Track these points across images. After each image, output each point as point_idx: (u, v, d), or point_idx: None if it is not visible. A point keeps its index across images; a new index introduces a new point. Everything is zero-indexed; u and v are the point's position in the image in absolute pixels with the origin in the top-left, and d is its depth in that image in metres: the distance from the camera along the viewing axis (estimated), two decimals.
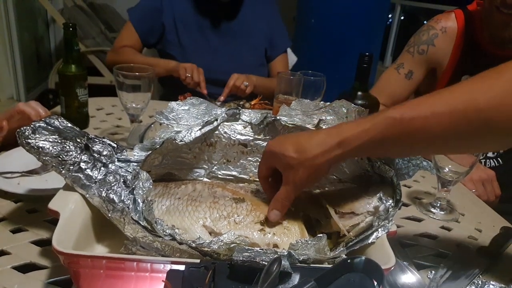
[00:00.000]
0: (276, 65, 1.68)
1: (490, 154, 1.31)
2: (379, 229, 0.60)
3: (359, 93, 1.04)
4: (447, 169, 0.86)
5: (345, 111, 0.69)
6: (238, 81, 1.40)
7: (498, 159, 1.32)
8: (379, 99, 1.08)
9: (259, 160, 0.74)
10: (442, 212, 0.89)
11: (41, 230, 0.70)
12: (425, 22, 1.40)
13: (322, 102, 0.72)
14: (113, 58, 1.56)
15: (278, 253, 0.49)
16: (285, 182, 0.61)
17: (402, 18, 4.24)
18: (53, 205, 0.58)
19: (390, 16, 4.11)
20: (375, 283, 0.47)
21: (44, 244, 0.67)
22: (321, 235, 0.53)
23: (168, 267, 0.51)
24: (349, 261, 0.47)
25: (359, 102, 1.02)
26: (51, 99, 3.43)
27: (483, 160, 1.30)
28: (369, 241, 0.59)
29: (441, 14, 1.34)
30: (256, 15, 1.63)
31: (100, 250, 0.63)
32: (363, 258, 0.47)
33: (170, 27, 1.55)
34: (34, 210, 0.76)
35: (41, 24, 4.03)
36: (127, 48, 1.55)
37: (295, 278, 0.47)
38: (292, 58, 1.83)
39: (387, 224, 0.60)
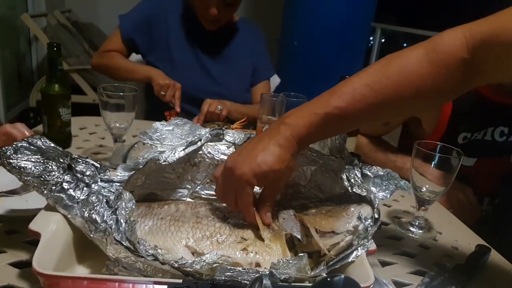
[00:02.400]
0: (257, 91, 1.70)
1: (484, 207, 1.30)
2: (359, 248, 0.61)
3: None
4: (424, 189, 0.88)
5: None
6: (212, 106, 1.41)
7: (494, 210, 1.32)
8: None
9: None
10: (421, 231, 0.91)
11: (20, 252, 0.69)
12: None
13: None
14: (97, 61, 1.56)
15: (260, 273, 0.49)
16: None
17: (383, 40, 4.37)
18: (34, 225, 0.58)
19: (371, 38, 4.23)
20: None
21: (23, 266, 0.66)
22: (302, 254, 0.54)
23: (151, 287, 0.51)
24: (328, 279, 0.48)
25: None
26: (32, 117, 3.39)
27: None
28: (349, 260, 0.60)
29: None
30: (244, 43, 1.66)
31: (82, 271, 0.62)
32: (342, 276, 0.48)
33: (162, 40, 1.56)
34: (13, 231, 0.75)
35: (23, 42, 4.00)
36: (112, 52, 1.56)
37: None
38: (275, 80, 1.86)
39: (367, 243, 0.62)
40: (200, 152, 0.74)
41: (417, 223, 0.92)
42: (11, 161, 0.60)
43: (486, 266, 0.80)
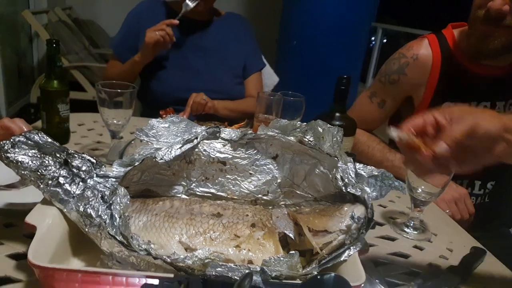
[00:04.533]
0: (248, 83, 1.71)
1: (476, 191, 1.31)
2: (351, 247, 0.61)
3: (337, 114, 1.07)
4: (420, 190, 0.89)
5: (321, 130, 0.71)
6: (197, 97, 1.42)
7: (485, 196, 1.33)
8: None
9: (237, 178, 0.76)
10: (415, 232, 0.92)
11: (17, 244, 0.70)
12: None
13: (299, 122, 0.74)
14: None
15: (251, 269, 0.50)
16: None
17: (384, 40, 4.37)
18: (30, 219, 0.58)
19: (373, 38, 4.24)
20: None
21: (20, 258, 0.67)
22: (293, 252, 0.55)
23: (143, 281, 0.51)
24: (319, 277, 0.49)
25: (337, 123, 1.05)
26: (32, 113, 3.40)
27: (473, 198, 1.31)
28: (341, 259, 0.61)
29: (413, 41, 1.32)
30: (231, 36, 1.67)
31: (76, 264, 0.63)
32: (333, 274, 0.49)
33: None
34: (11, 225, 0.76)
35: (24, 38, 4.01)
36: (108, 72, 1.61)
37: None
38: (274, 79, 1.87)
39: (359, 243, 0.62)
40: (196, 149, 0.74)
41: (412, 224, 0.93)
42: (8, 155, 0.60)
43: (480, 269, 0.81)
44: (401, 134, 0.64)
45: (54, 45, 1.05)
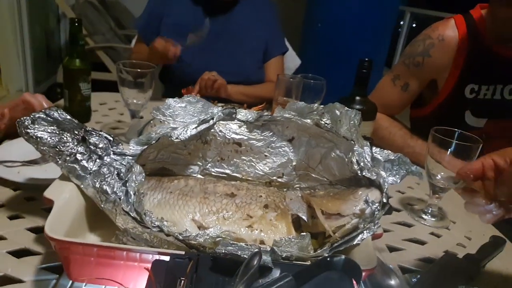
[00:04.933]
0: (269, 67, 1.68)
1: None
2: (365, 231, 0.61)
3: (358, 98, 1.05)
4: (439, 176, 0.87)
5: (339, 113, 0.70)
6: (207, 74, 1.41)
7: None
8: None
9: (252, 159, 0.76)
10: (433, 219, 0.90)
11: (37, 218, 0.72)
12: None
13: (316, 105, 0.73)
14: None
15: (261, 248, 0.50)
16: None
17: (414, 25, 4.25)
18: (48, 193, 0.60)
19: (402, 23, 4.12)
20: (354, 282, 0.48)
21: (40, 231, 0.69)
22: (304, 233, 0.55)
23: (156, 257, 0.52)
24: (328, 259, 0.48)
25: (357, 106, 1.03)
26: (59, 93, 3.47)
27: None
28: (354, 243, 0.60)
29: (439, 22, 1.29)
30: (254, 18, 1.65)
31: (92, 239, 0.65)
32: (343, 257, 0.48)
33: (169, 30, 1.57)
34: (32, 198, 0.78)
35: (52, 18, 4.08)
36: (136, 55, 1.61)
37: (276, 273, 0.49)
38: (296, 61, 1.85)
39: (373, 227, 0.61)
40: (212, 130, 0.74)
41: (430, 211, 0.91)
42: (28, 130, 0.62)
43: (499, 258, 0.79)
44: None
45: (77, 24, 1.06)
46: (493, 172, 0.63)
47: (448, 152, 0.85)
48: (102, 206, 0.60)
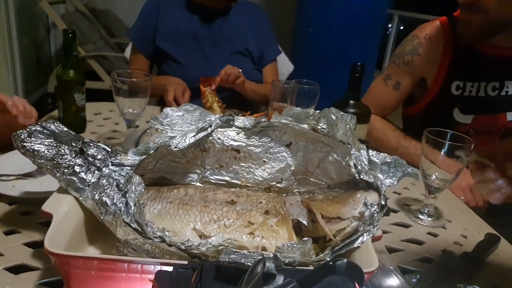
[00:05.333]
0: (266, 72, 1.71)
1: None
2: (364, 234, 0.61)
3: (351, 101, 1.06)
4: (434, 177, 0.88)
5: (334, 118, 0.71)
6: (231, 69, 1.42)
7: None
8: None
9: (251, 165, 0.77)
10: (430, 219, 0.91)
11: (34, 232, 0.72)
12: None
13: (312, 110, 0.74)
14: None
15: (264, 255, 0.50)
16: None
17: (401, 28, 4.29)
18: (46, 207, 0.60)
19: (390, 25, 4.16)
20: (357, 285, 0.48)
21: (37, 246, 0.68)
22: (306, 238, 0.55)
23: (158, 268, 0.52)
24: (331, 263, 0.49)
25: (351, 110, 1.04)
26: (50, 103, 3.45)
27: None
28: (355, 246, 0.61)
29: (426, 23, 1.34)
30: (249, 24, 1.66)
31: (92, 252, 0.64)
32: (345, 260, 0.49)
33: (164, 38, 1.57)
34: (28, 213, 0.77)
35: (42, 28, 4.06)
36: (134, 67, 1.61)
37: (279, 280, 0.49)
38: (289, 67, 1.86)
39: (372, 229, 0.62)
40: (210, 138, 0.74)
41: (426, 211, 0.92)
42: (25, 144, 0.62)
43: (494, 255, 0.80)
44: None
45: (70, 35, 1.06)
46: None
47: (442, 152, 0.86)
48: (102, 218, 0.60)
